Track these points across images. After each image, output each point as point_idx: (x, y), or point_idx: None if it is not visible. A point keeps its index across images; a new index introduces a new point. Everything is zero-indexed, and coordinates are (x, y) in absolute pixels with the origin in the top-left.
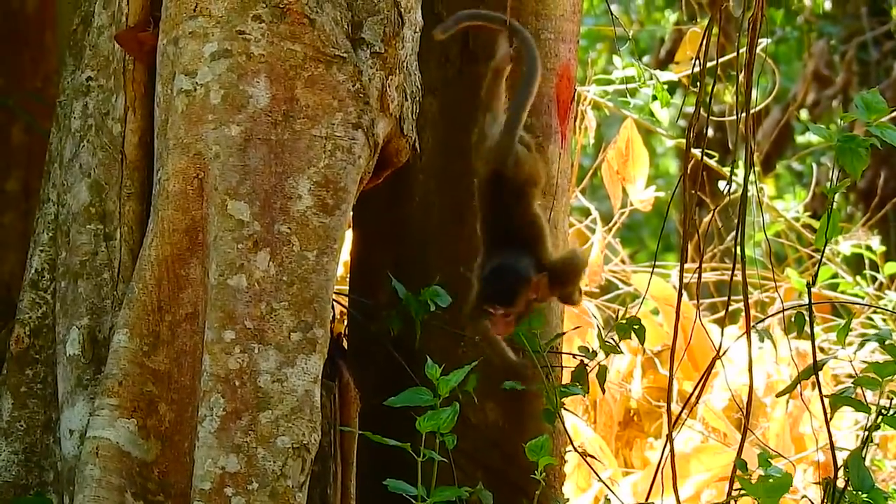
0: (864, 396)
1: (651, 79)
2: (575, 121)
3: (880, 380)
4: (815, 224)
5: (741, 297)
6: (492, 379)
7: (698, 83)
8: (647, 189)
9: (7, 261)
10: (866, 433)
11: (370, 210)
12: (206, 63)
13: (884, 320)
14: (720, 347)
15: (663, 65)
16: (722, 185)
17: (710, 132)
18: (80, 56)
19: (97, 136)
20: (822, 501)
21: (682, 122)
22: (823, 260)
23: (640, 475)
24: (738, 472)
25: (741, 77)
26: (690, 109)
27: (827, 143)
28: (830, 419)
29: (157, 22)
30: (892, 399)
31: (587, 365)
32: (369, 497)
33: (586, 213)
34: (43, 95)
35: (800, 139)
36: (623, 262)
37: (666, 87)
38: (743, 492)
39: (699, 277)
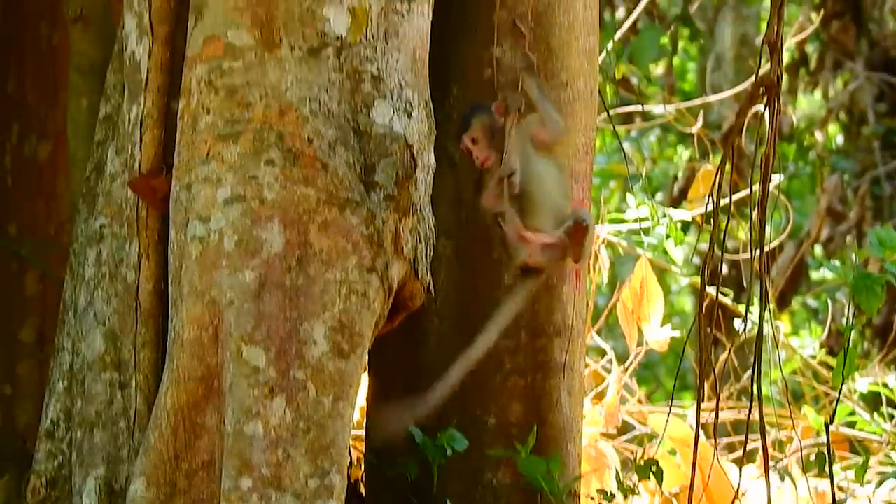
0: None
1: (664, 217)
2: (589, 261)
3: None
4: (832, 361)
5: (759, 435)
6: None
7: (712, 221)
8: (662, 328)
9: (23, 411)
10: None
11: (385, 353)
12: (220, 208)
13: None
14: (739, 487)
15: (677, 202)
16: (737, 323)
17: (725, 270)
18: (93, 203)
19: (111, 284)
20: None
21: (696, 260)
22: (840, 397)
23: None
24: None
25: (755, 214)
26: (704, 247)
27: (842, 279)
28: None
29: (170, 168)
30: None
31: None
32: None
33: (602, 353)
34: (56, 243)
35: (814, 275)
36: (640, 402)
37: (679, 225)
38: None
39: (716, 416)
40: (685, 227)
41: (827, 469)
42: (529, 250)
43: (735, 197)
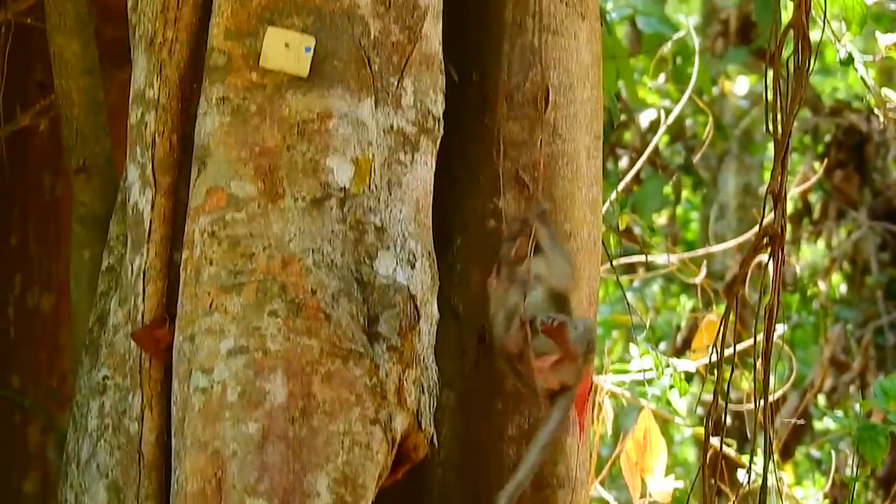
0: None
1: (668, 367)
2: (593, 412)
3: None
4: None
5: None
6: None
7: (715, 371)
8: (665, 479)
9: None
10: None
11: None
12: (223, 360)
13: None
14: None
15: (680, 353)
16: (741, 474)
17: (728, 420)
18: (96, 354)
19: (114, 436)
20: None
21: (700, 411)
22: None
23: None
24: None
25: (758, 364)
26: (708, 398)
27: (846, 430)
28: None
29: (173, 319)
30: None
31: None
32: None
33: None
34: (59, 394)
35: (818, 426)
36: None
37: (683, 375)
38: None
39: None
40: (689, 377)
41: None
42: (542, 375)
43: (739, 347)
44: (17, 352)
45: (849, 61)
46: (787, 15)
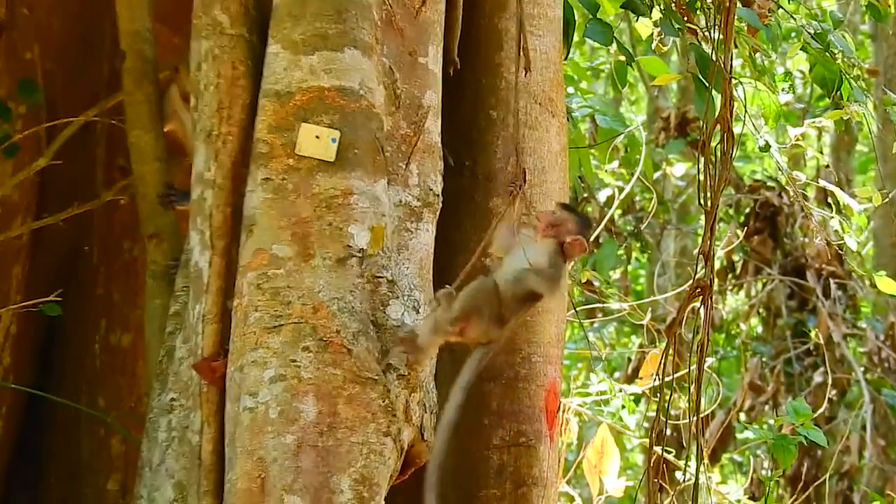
0: None
1: (621, 391)
2: (561, 426)
3: None
4: None
5: None
6: None
7: (658, 394)
8: (618, 479)
9: None
10: None
11: (395, 501)
12: (266, 385)
13: None
14: None
15: (630, 380)
16: (679, 475)
17: (668, 432)
18: (165, 381)
19: (180, 446)
20: None
21: (645, 425)
22: None
23: None
24: None
25: (692, 388)
26: (652, 415)
27: (762, 439)
28: None
29: (227, 353)
30: None
31: None
32: None
33: (571, 499)
34: (135, 413)
35: (740, 436)
36: None
37: (633, 397)
38: None
39: None
40: (637, 399)
41: None
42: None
43: (676, 375)
44: (102, 379)
45: (766, 148)
46: (715, 111)
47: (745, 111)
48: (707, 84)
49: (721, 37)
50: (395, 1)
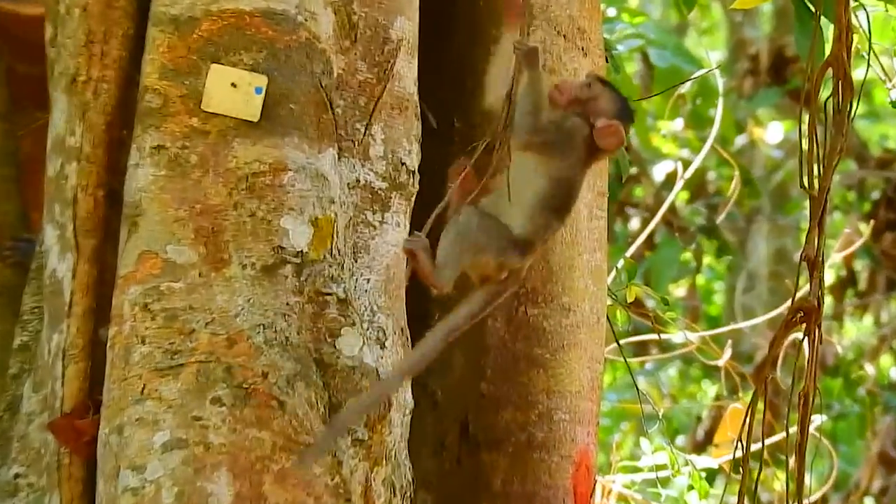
0: None
1: (686, 465)
2: None
3: None
4: None
5: None
6: None
7: (741, 469)
8: None
9: None
10: None
11: None
12: (157, 455)
13: None
14: None
15: (701, 447)
16: None
17: None
18: (7, 449)
19: None
20: None
21: None
22: None
23: None
24: None
25: (792, 461)
26: (733, 500)
27: None
28: None
29: (98, 407)
30: None
31: None
32: None
33: None
34: None
35: None
36: None
37: (704, 474)
38: None
39: None
40: (710, 476)
41: None
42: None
43: (769, 441)
44: None
45: None
46: (826, 47)
47: (870, 48)
48: (813, 6)
49: None
50: None
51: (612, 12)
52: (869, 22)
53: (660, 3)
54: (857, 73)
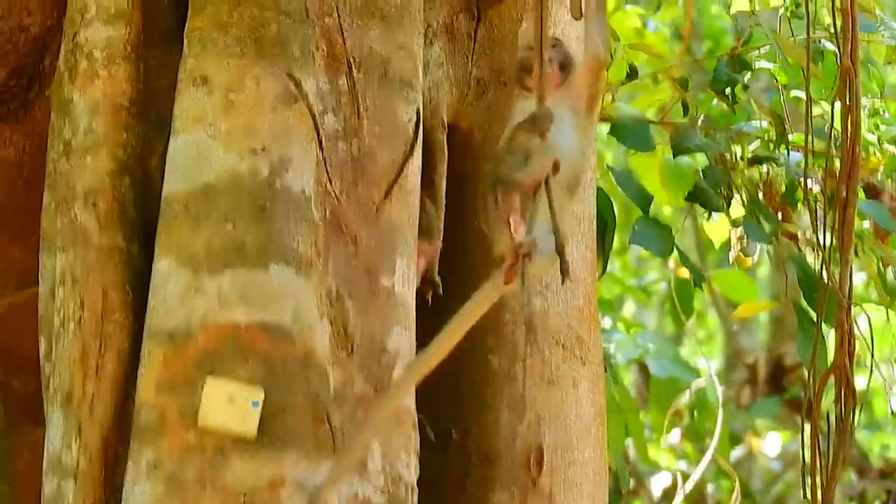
0: None
1: None
2: None
3: None
4: None
5: None
6: None
7: None
8: None
9: None
10: None
11: None
12: None
13: None
14: None
15: None
16: None
17: None
18: None
19: None
20: None
21: None
22: None
23: None
24: None
25: None
26: None
27: None
28: None
29: None
30: None
31: None
32: None
33: None
34: None
35: None
36: None
37: None
38: None
39: None
40: None
41: None
42: None
43: None
44: None
45: None
46: (827, 356)
47: (872, 355)
48: (815, 315)
49: (836, 243)
50: (345, 191)
51: (607, 323)
52: (871, 328)
53: (655, 310)
54: (860, 381)
